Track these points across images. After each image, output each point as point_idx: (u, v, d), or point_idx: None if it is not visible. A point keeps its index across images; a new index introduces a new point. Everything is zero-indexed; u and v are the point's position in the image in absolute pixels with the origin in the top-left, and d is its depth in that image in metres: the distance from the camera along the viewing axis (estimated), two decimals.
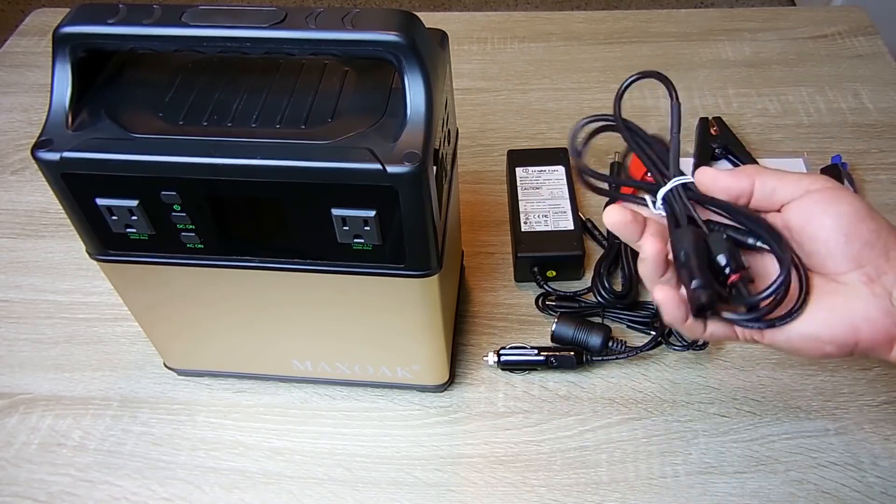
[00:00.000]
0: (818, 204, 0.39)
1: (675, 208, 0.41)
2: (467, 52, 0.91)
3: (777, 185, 0.40)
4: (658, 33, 0.92)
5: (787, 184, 0.40)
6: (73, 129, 0.41)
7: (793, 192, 0.39)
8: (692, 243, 0.39)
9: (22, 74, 0.91)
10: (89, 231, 0.45)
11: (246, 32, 0.39)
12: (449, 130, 0.49)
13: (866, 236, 0.38)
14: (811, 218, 0.39)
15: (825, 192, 0.39)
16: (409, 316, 0.50)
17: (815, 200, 0.39)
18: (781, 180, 0.40)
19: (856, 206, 0.38)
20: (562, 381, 0.59)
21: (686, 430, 0.56)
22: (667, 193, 0.41)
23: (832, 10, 0.94)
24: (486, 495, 0.53)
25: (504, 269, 0.67)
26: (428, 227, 0.43)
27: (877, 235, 0.38)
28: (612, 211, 0.41)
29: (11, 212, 0.75)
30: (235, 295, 0.49)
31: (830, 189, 0.39)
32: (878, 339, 0.38)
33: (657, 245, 0.39)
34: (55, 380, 0.61)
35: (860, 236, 0.38)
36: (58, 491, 0.54)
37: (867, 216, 0.38)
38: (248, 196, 0.42)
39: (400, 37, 0.39)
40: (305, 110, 0.42)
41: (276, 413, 0.58)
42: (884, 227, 0.39)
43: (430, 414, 0.58)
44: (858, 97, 0.82)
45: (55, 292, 0.67)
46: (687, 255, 0.38)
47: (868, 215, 0.38)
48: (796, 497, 0.52)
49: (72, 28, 0.40)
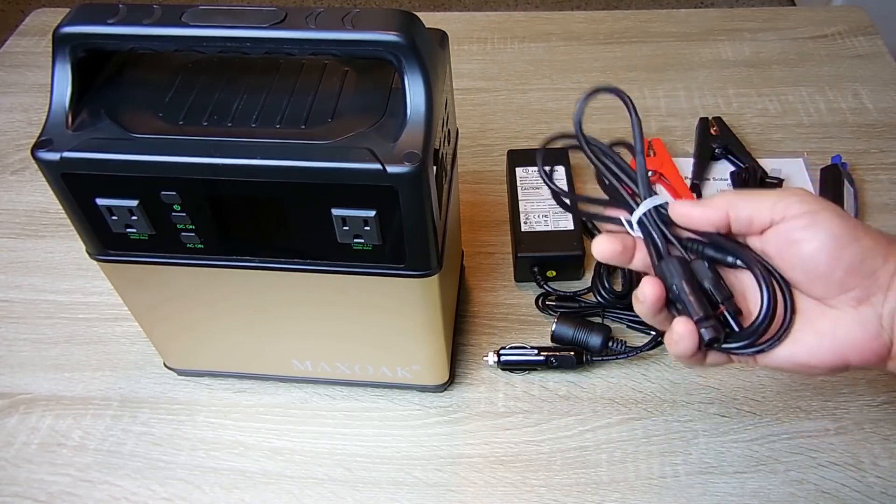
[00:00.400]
0: (796, 232, 0.37)
1: (652, 234, 0.40)
2: (467, 52, 0.91)
3: (752, 213, 0.38)
4: (658, 33, 0.92)
5: (763, 211, 0.38)
6: (73, 129, 0.41)
7: (770, 219, 0.38)
8: (681, 275, 0.39)
9: (22, 74, 0.91)
10: (89, 231, 0.45)
11: (246, 32, 0.39)
12: (449, 130, 0.49)
13: (848, 261, 0.36)
14: (789, 246, 0.38)
15: (804, 217, 0.37)
16: (409, 316, 0.50)
17: (792, 228, 0.37)
18: (756, 208, 0.38)
19: (835, 232, 0.36)
20: (562, 381, 0.59)
21: (686, 430, 0.56)
22: (641, 217, 0.41)
23: (832, 10, 0.94)
24: (486, 495, 0.53)
25: (504, 269, 0.67)
26: (428, 227, 0.43)
27: (860, 258, 0.37)
28: (601, 242, 0.40)
29: (11, 212, 0.75)
30: (235, 295, 0.49)
31: (808, 214, 0.37)
32: (868, 362, 0.37)
33: (656, 292, 0.39)
34: (55, 380, 0.61)
35: (842, 263, 0.37)
36: (58, 491, 0.54)
37: (849, 240, 0.36)
38: (248, 196, 0.42)
39: (400, 37, 0.39)
40: (305, 110, 0.42)
41: (276, 413, 0.58)
42: (867, 248, 0.37)
43: (430, 414, 0.58)
44: (858, 97, 0.82)
45: (55, 292, 0.67)
46: (681, 290, 0.38)
47: (850, 239, 0.36)
48: (796, 497, 0.52)
49: (72, 28, 0.40)
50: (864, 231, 0.37)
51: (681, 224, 0.40)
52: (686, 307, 0.38)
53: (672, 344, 0.39)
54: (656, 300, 0.39)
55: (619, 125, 0.76)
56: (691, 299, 0.38)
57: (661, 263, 0.40)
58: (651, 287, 0.39)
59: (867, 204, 0.71)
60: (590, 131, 0.41)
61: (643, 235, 0.41)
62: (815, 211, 0.37)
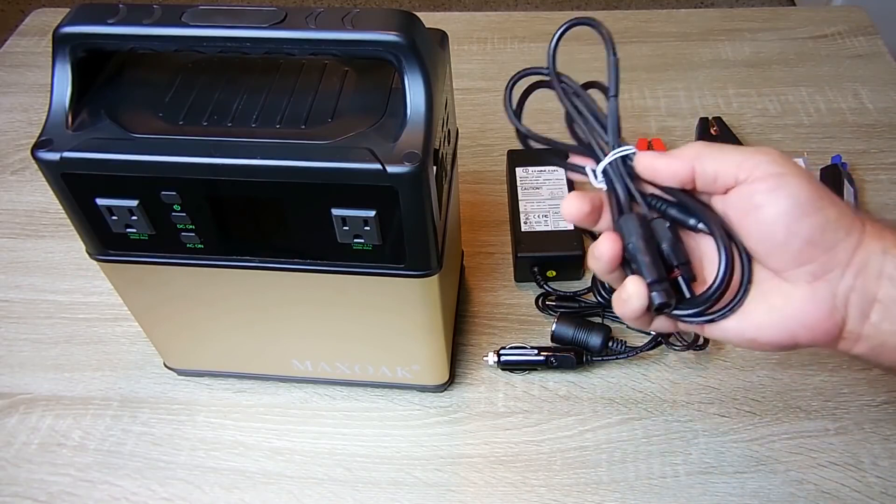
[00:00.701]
0: (758, 195, 0.35)
1: (615, 186, 0.38)
2: (467, 52, 0.91)
3: (718, 168, 0.36)
4: (658, 33, 0.92)
5: (728, 167, 0.36)
6: (73, 129, 0.41)
7: (735, 178, 0.36)
8: (640, 234, 0.37)
9: (22, 74, 0.91)
10: (89, 231, 0.45)
11: (246, 32, 0.39)
12: (449, 130, 0.49)
13: (807, 233, 0.35)
14: (749, 211, 0.36)
15: (767, 180, 0.35)
16: (409, 316, 0.50)
17: (754, 191, 0.35)
18: (722, 164, 0.36)
19: (799, 199, 0.34)
20: (562, 381, 0.59)
21: (686, 430, 0.56)
22: (606, 167, 0.38)
23: (832, 10, 0.94)
24: (486, 495, 0.53)
25: (504, 269, 0.67)
26: (428, 227, 0.43)
27: (820, 231, 0.35)
28: (570, 200, 0.38)
29: (11, 212, 0.75)
30: (235, 295, 0.49)
31: (774, 177, 0.35)
32: (818, 341, 0.36)
33: (613, 249, 0.37)
34: (55, 380, 0.61)
35: (801, 234, 0.35)
36: (58, 491, 0.54)
37: (811, 209, 0.35)
38: (248, 196, 0.42)
39: (400, 37, 0.39)
40: (305, 110, 0.42)
41: (276, 413, 0.58)
42: (831, 219, 0.35)
43: (430, 414, 0.58)
44: (858, 97, 0.82)
45: (55, 292, 0.67)
46: (637, 249, 0.37)
47: (812, 208, 0.35)
48: (796, 497, 0.52)
49: (72, 28, 0.40)
50: (831, 201, 0.35)
51: (645, 177, 0.38)
52: (640, 268, 0.37)
53: (620, 302, 0.37)
54: (613, 257, 0.37)
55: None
56: (646, 259, 0.37)
57: (621, 219, 0.38)
58: (608, 243, 0.37)
59: (867, 204, 0.71)
60: None
61: (607, 187, 0.39)
62: (781, 174, 0.35)
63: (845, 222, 0.35)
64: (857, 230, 0.36)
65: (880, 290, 0.35)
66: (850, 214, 0.36)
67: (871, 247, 0.35)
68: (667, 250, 0.37)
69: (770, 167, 0.35)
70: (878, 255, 0.35)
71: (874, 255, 0.35)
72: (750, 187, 0.35)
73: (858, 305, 0.36)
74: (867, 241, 0.36)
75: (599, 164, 0.39)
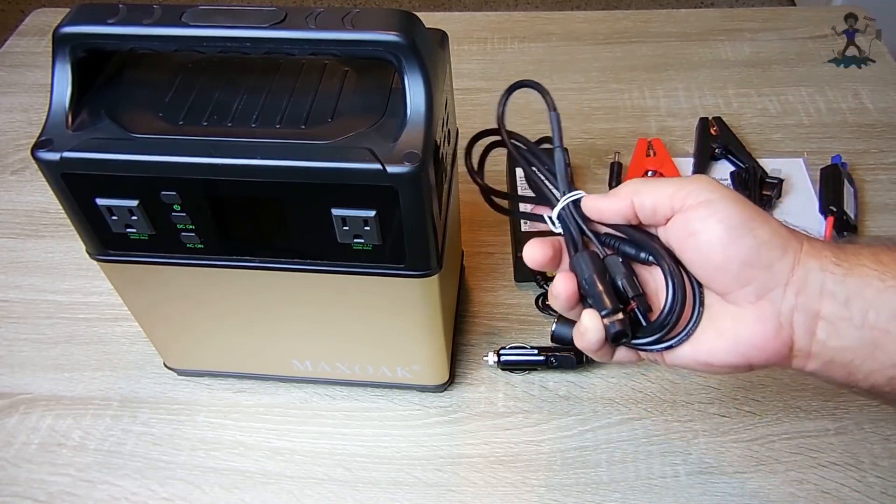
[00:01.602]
0: (693, 222, 0.36)
1: (570, 229, 0.41)
2: (467, 52, 0.91)
3: (655, 201, 0.38)
4: (658, 33, 0.92)
5: (663, 199, 0.37)
6: (73, 129, 0.41)
7: (671, 208, 0.37)
8: (592, 269, 0.39)
9: (22, 74, 0.91)
10: (89, 231, 0.45)
11: (246, 32, 0.39)
12: (449, 130, 0.49)
13: (743, 255, 0.35)
14: (687, 239, 0.37)
15: (697, 209, 0.36)
16: (409, 316, 0.50)
17: (689, 219, 0.36)
18: (657, 197, 0.37)
19: (730, 223, 0.35)
20: (562, 381, 0.59)
21: (686, 430, 0.56)
22: (560, 212, 0.41)
23: (832, 10, 0.94)
24: (486, 495, 0.53)
25: (504, 269, 0.67)
26: (428, 227, 0.43)
27: (756, 252, 0.35)
28: (531, 248, 0.40)
29: (11, 212, 0.75)
30: (235, 295, 0.49)
31: (705, 204, 0.36)
32: (771, 361, 0.37)
33: (569, 287, 0.39)
34: (55, 380, 0.61)
35: (737, 256, 0.36)
36: (58, 491, 0.54)
37: (743, 232, 0.35)
38: (248, 196, 0.42)
39: (400, 37, 0.39)
40: (305, 110, 0.42)
41: (276, 413, 0.58)
42: (763, 240, 0.36)
43: (430, 414, 0.58)
44: (858, 97, 0.82)
45: (55, 292, 0.67)
46: (591, 284, 0.39)
47: (743, 230, 0.35)
48: (796, 497, 0.52)
49: (72, 28, 0.40)
50: (762, 221, 0.36)
51: (593, 218, 0.40)
52: (595, 301, 0.39)
53: (579, 336, 0.39)
54: (569, 295, 0.39)
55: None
56: (600, 292, 0.38)
57: (574, 258, 0.40)
58: (563, 282, 0.39)
59: (867, 204, 0.71)
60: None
61: (563, 231, 0.41)
62: (712, 200, 0.36)
63: (780, 241, 0.36)
64: (793, 249, 0.36)
65: (823, 307, 0.35)
66: (784, 234, 0.36)
67: (809, 264, 0.36)
68: (622, 284, 0.39)
69: (701, 194, 0.36)
70: (816, 272, 0.36)
71: (813, 273, 0.36)
72: (685, 215, 0.37)
73: (803, 323, 0.36)
74: (804, 258, 0.36)
75: (554, 210, 0.42)
